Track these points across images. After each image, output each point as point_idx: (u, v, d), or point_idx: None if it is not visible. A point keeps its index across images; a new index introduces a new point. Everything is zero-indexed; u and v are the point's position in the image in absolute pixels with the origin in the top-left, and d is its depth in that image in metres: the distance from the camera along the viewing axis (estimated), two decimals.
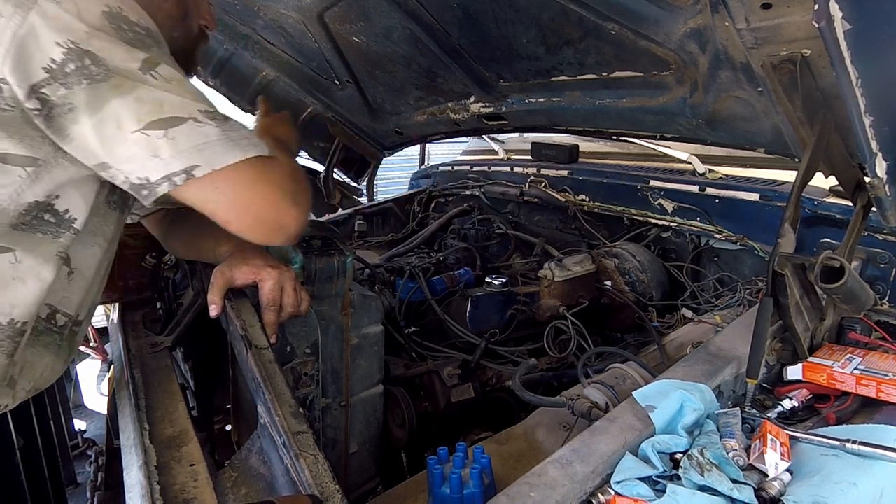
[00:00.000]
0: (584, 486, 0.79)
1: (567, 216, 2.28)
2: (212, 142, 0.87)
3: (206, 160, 0.86)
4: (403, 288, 1.77)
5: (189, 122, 0.85)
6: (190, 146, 0.85)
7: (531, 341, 1.78)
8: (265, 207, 0.94)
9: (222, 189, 0.89)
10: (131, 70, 0.83)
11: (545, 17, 1.47)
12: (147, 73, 0.84)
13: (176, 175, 0.85)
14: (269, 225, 0.96)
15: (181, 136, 0.85)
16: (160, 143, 0.83)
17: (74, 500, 2.21)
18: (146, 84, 0.84)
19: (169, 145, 0.84)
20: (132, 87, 0.82)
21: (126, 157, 0.84)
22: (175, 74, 0.88)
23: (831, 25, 0.74)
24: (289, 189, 0.97)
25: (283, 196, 0.95)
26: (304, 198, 1.04)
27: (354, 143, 2.83)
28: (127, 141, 0.83)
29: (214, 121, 0.88)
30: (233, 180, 0.90)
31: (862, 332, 1.23)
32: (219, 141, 0.87)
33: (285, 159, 1.02)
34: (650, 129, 1.72)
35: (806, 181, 1.07)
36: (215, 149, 0.87)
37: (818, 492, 0.79)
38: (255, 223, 0.95)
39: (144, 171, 0.85)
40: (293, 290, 1.14)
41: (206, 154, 0.86)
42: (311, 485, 0.79)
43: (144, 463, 0.90)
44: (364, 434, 1.39)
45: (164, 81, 0.86)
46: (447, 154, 5.55)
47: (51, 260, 0.92)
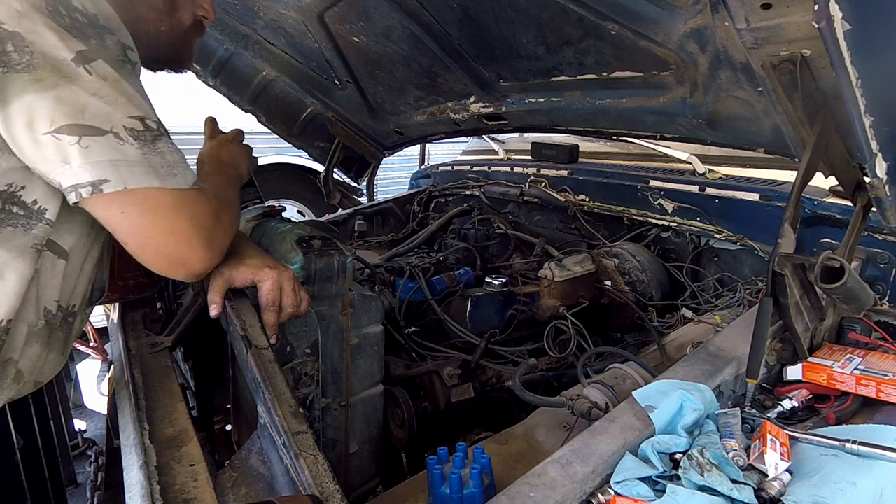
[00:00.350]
0: (583, 487, 0.79)
1: (567, 216, 2.28)
2: (129, 161, 0.82)
3: (118, 177, 0.81)
4: (403, 288, 1.77)
5: (108, 136, 0.80)
6: (103, 159, 0.79)
7: (531, 341, 1.78)
8: (171, 242, 0.89)
9: (128, 212, 0.84)
10: (61, 61, 0.76)
11: (545, 16, 1.47)
12: (80, 67, 0.78)
13: (82, 186, 0.80)
14: (170, 260, 0.92)
15: (95, 147, 0.79)
16: (71, 149, 0.78)
17: (74, 500, 2.21)
18: (75, 82, 0.77)
19: (80, 153, 0.78)
20: (54, 83, 0.76)
21: (37, 159, 0.79)
22: (112, 74, 0.81)
23: (831, 26, 0.74)
24: (204, 228, 0.93)
25: (195, 234, 0.91)
26: (221, 239, 1.00)
27: (354, 143, 2.84)
28: (38, 142, 0.77)
29: (138, 141, 0.82)
30: (142, 206, 0.85)
31: (862, 332, 1.23)
32: (137, 163, 0.82)
33: (212, 194, 0.98)
34: (650, 129, 1.72)
35: (806, 181, 1.07)
36: (132, 169, 0.82)
37: (818, 492, 0.79)
38: (156, 255, 0.90)
39: (56, 175, 0.80)
40: (292, 291, 1.13)
41: (121, 171, 0.81)
42: (311, 485, 0.79)
43: (144, 463, 0.90)
44: (364, 434, 1.39)
45: (98, 80, 0.79)
46: (447, 154, 5.55)
47: (26, 253, 0.87)
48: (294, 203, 5.64)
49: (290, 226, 1.37)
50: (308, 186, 5.51)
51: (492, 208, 2.60)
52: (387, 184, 5.71)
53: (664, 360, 1.42)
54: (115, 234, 0.88)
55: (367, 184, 3.09)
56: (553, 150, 2.45)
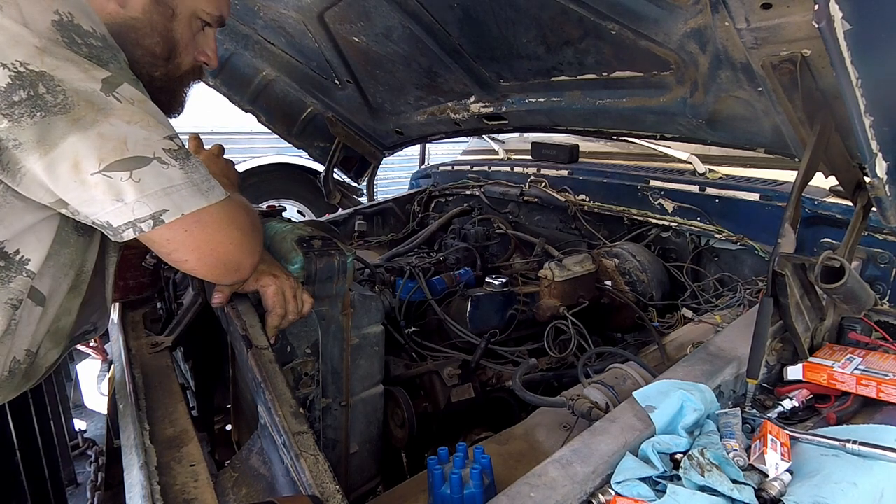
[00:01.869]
0: (584, 487, 0.79)
1: (567, 216, 2.28)
2: (177, 185, 0.81)
3: (174, 205, 0.81)
4: (403, 288, 1.77)
5: (153, 164, 0.79)
6: (157, 189, 0.79)
7: (531, 341, 1.78)
8: (230, 251, 0.92)
9: (192, 232, 0.85)
10: (92, 93, 0.74)
11: (545, 16, 1.47)
12: (109, 96, 0.76)
13: (142, 221, 0.79)
14: (230, 267, 0.94)
15: (147, 178, 0.78)
16: (124, 185, 0.76)
17: (74, 500, 2.21)
18: (110, 114, 0.75)
19: (134, 188, 0.77)
20: (94, 120, 0.73)
21: (84, 200, 0.77)
22: (137, 95, 0.80)
23: (831, 25, 0.74)
24: (248, 234, 0.96)
25: (245, 241, 0.94)
26: (259, 241, 1.04)
27: (354, 143, 2.84)
28: (86, 183, 0.75)
29: (178, 161, 0.82)
30: (200, 225, 0.86)
31: (862, 332, 1.23)
32: (184, 185, 0.82)
33: (238, 198, 1.00)
34: (650, 129, 1.72)
35: (806, 181, 1.07)
36: (182, 193, 0.82)
37: (818, 492, 0.79)
38: (216, 265, 0.92)
39: (105, 215, 0.78)
40: (293, 298, 1.14)
41: (174, 199, 0.81)
42: (311, 485, 0.79)
43: (145, 463, 0.90)
44: (364, 434, 1.39)
45: (128, 105, 0.77)
46: (447, 154, 5.55)
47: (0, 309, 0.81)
48: (294, 203, 5.65)
49: (291, 226, 1.37)
50: (308, 186, 5.51)
51: (492, 208, 2.60)
52: (387, 184, 5.71)
53: (664, 360, 1.42)
54: (171, 255, 0.88)
55: (367, 184, 3.09)
56: (553, 150, 2.45)
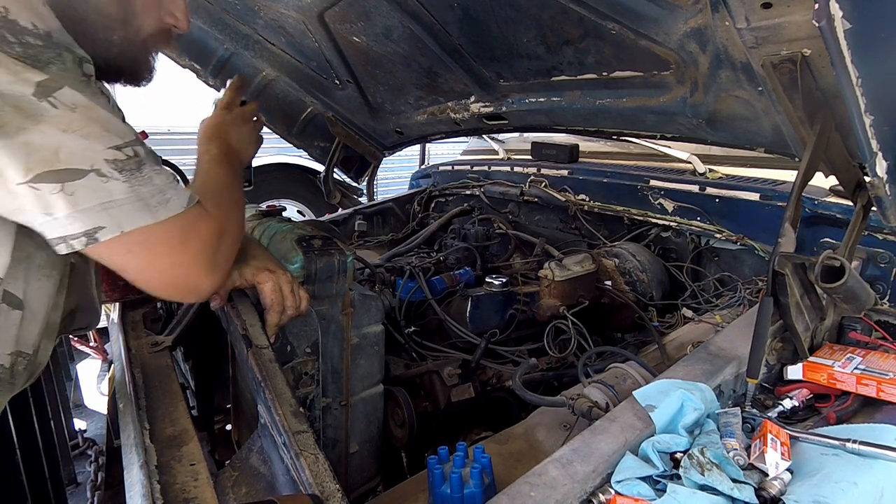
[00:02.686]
0: (584, 486, 0.79)
1: (567, 216, 2.28)
2: (118, 200, 0.74)
3: (113, 222, 0.74)
4: (403, 288, 1.77)
5: (90, 176, 0.71)
6: (92, 204, 0.72)
7: (531, 341, 1.78)
8: (179, 274, 0.86)
9: (135, 253, 0.79)
10: (21, 97, 0.67)
11: (545, 16, 1.47)
12: (43, 101, 0.69)
13: (74, 238, 0.73)
14: (183, 289, 0.90)
15: (81, 192, 0.71)
16: (53, 198, 0.69)
17: (74, 499, 2.21)
18: (41, 121, 0.68)
19: (65, 202, 0.70)
20: (19, 127, 0.67)
21: (13, 210, 0.71)
22: (81, 100, 0.72)
23: (831, 25, 0.74)
24: (208, 250, 0.88)
25: (201, 261, 0.87)
26: (227, 254, 0.95)
27: (354, 143, 2.83)
28: (13, 193, 0.69)
29: (123, 174, 0.75)
30: (143, 245, 0.79)
31: (862, 331, 1.23)
32: (127, 200, 0.75)
33: (214, 205, 0.92)
34: (650, 129, 1.72)
35: (806, 181, 1.07)
36: (123, 209, 0.75)
37: (819, 491, 0.79)
38: (166, 287, 0.88)
39: (38, 226, 0.72)
40: (291, 293, 1.12)
41: (113, 215, 0.74)
42: (311, 484, 0.79)
43: (145, 462, 0.90)
44: (364, 434, 1.39)
45: (66, 112, 0.70)
46: (447, 154, 5.55)
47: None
48: (294, 203, 5.65)
49: (290, 225, 1.37)
50: (308, 186, 5.51)
51: (492, 208, 2.60)
52: (387, 184, 5.71)
53: (664, 359, 1.42)
54: (122, 273, 0.83)
55: (367, 184, 3.09)
56: (553, 150, 2.45)
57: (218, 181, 1.06)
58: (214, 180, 1.06)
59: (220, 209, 0.95)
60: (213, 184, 1.04)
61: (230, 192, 1.05)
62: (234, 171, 1.12)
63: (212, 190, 1.01)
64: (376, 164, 3.02)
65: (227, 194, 1.03)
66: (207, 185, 1.04)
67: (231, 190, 1.06)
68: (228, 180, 1.08)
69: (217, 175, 1.07)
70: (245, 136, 1.20)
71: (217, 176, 1.07)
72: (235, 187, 1.09)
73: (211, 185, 1.04)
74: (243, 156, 1.19)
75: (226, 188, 1.05)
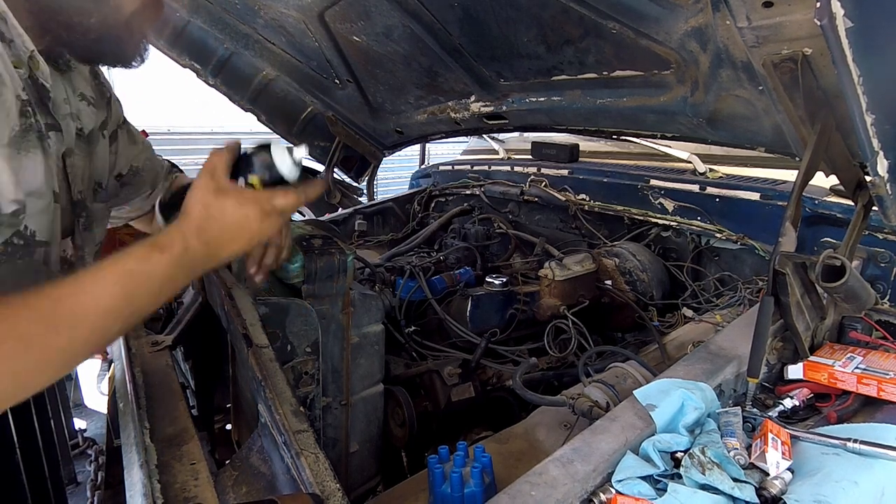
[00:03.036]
0: (585, 485, 0.79)
1: (567, 215, 2.28)
2: None
3: None
4: (404, 287, 1.77)
5: None
6: None
7: (531, 340, 1.78)
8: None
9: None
10: None
11: (546, 15, 1.47)
12: None
13: None
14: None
15: None
16: None
17: (74, 499, 2.21)
18: None
19: None
20: None
21: None
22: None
23: (833, 23, 0.74)
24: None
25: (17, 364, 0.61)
26: (41, 374, 0.65)
27: (355, 143, 2.84)
28: None
29: None
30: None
31: (863, 331, 1.23)
32: None
33: (46, 311, 0.64)
34: (651, 129, 1.72)
35: (807, 180, 1.07)
36: None
37: (819, 490, 0.79)
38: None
39: None
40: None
41: None
42: (311, 483, 0.79)
43: (145, 462, 0.89)
44: (364, 433, 1.39)
45: None
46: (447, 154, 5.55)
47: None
48: None
49: (291, 225, 1.37)
50: None
51: (492, 208, 2.60)
52: (387, 183, 5.72)
53: (665, 359, 1.42)
54: None
55: (367, 183, 3.09)
56: (553, 150, 2.45)
57: (114, 290, 0.70)
58: (111, 286, 0.70)
59: (52, 323, 0.64)
60: (111, 286, 0.70)
61: (103, 318, 0.69)
62: (153, 293, 0.75)
63: (89, 299, 0.68)
64: (376, 164, 3.02)
65: (84, 307, 0.67)
66: (95, 284, 0.69)
67: (109, 316, 0.69)
68: (125, 298, 0.71)
69: (130, 283, 0.71)
70: (233, 229, 0.81)
71: (130, 283, 0.71)
72: (118, 313, 0.70)
73: (100, 281, 0.70)
74: (215, 262, 0.82)
75: (105, 304, 0.69)
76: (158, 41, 2.28)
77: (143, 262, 0.73)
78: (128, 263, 0.72)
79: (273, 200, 0.83)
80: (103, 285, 0.70)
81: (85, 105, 1.00)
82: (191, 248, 0.78)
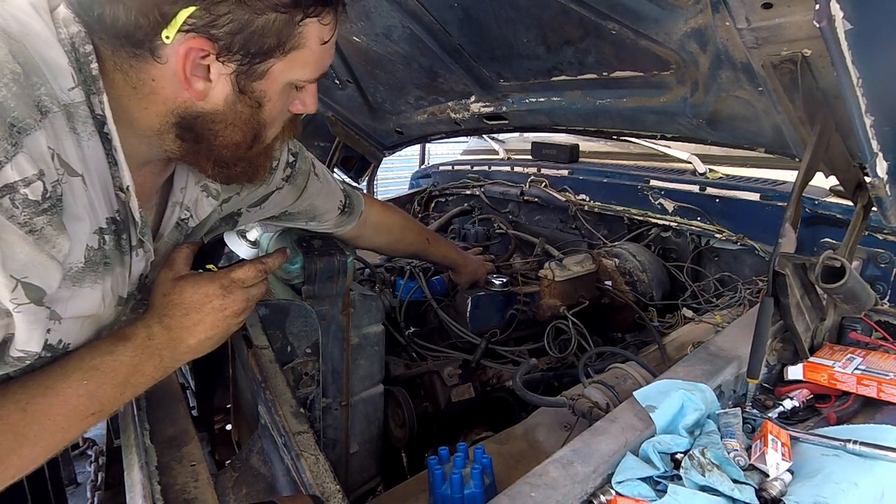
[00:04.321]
0: (584, 486, 0.79)
1: (567, 216, 2.28)
2: None
3: None
4: (404, 288, 1.77)
5: None
6: None
7: (531, 341, 1.78)
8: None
9: None
10: None
11: (546, 16, 1.47)
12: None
13: None
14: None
15: None
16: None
17: (74, 499, 2.21)
18: None
19: None
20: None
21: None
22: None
23: (832, 25, 0.74)
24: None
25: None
26: None
27: (354, 143, 2.84)
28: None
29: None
30: None
31: (862, 332, 1.22)
32: None
33: None
34: (651, 129, 1.72)
35: (806, 181, 1.07)
36: None
37: (819, 492, 0.79)
38: None
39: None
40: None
41: None
42: (311, 484, 0.79)
43: (145, 463, 0.89)
44: (364, 434, 1.39)
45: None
46: (447, 154, 5.55)
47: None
48: None
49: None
50: None
51: (492, 208, 2.60)
52: (387, 184, 5.72)
53: (665, 359, 1.42)
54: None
55: (367, 184, 3.09)
56: (553, 150, 2.45)
57: (38, 393, 0.67)
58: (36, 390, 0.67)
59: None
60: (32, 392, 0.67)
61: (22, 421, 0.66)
62: (76, 409, 0.70)
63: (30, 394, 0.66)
64: (376, 164, 3.02)
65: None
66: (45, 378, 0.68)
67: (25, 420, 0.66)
68: (47, 405, 0.67)
69: (57, 390, 0.68)
70: (194, 309, 0.80)
71: (57, 391, 0.68)
72: (34, 422, 0.67)
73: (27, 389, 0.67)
74: (182, 339, 0.80)
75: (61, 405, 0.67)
76: None
77: (107, 356, 0.73)
78: (94, 359, 0.72)
79: (231, 274, 0.84)
80: (69, 383, 0.69)
81: (204, 196, 0.91)
82: (153, 334, 0.77)
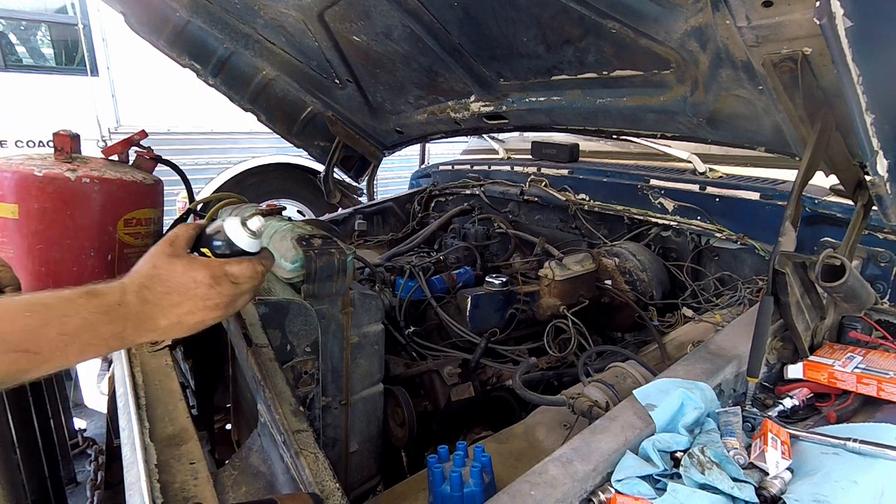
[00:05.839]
0: (584, 485, 0.79)
1: (567, 215, 2.28)
2: None
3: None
4: (404, 287, 1.77)
5: None
6: None
7: (531, 340, 1.78)
8: None
9: None
10: None
11: (545, 15, 1.47)
12: None
13: None
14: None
15: None
16: None
17: (74, 498, 2.21)
18: None
19: None
20: None
21: None
22: None
23: (833, 23, 0.74)
24: None
25: None
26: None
27: (354, 143, 2.83)
28: None
29: None
30: None
31: (862, 330, 1.23)
32: None
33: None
34: (651, 128, 1.72)
35: (807, 180, 1.07)
36: None
37: (819, 490, 0.79)
38: None
39: None
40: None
41: None
42: (311, 483, 0.79)
43: (145, 461, 0.89)
44: (364, 433, 1.39)
45: None
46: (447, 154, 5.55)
47: None
48: (294, 202, 5.66)
49: (290, 224, 1.37)
50: (308, 186, 5.52)
51: (492, 208, 2.60)
52: (387, 183, 5.72)
53: (665, 358, 1.42)
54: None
55: (367, 183, 3.09)
56: (553, 150, 2.45)
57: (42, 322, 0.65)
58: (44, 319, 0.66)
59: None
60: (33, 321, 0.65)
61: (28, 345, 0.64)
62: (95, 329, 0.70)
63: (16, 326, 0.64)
64: (376, 164, 3.02)
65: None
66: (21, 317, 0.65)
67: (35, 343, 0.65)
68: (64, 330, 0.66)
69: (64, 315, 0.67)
70: (177, 291, 0.76)
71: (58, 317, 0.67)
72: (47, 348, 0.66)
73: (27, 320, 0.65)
74: (152, 318, 0.75)
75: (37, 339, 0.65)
76: (158, 41, 2.28)
77: (63, 301, 0.68)
78: (50, 298, 0.67)
79: (225, 267, 0.80)
80: (9, 308, 0.65)
81: None
82: (126, 302, 0.73)
